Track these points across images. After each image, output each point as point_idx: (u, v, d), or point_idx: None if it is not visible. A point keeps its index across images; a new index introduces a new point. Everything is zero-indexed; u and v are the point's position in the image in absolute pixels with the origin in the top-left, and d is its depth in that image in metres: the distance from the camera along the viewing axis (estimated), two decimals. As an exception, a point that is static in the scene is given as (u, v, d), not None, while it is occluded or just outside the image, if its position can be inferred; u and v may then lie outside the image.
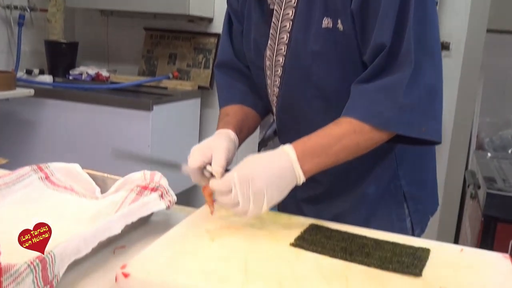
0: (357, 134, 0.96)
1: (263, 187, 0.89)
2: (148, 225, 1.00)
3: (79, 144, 2.59)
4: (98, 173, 1.13)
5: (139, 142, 2.49)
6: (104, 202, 1.00)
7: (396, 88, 0.94)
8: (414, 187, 1.16)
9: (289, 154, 0.94)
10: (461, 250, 0.90)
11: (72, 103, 2.60)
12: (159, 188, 1.01)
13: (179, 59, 3.06)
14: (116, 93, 2.75)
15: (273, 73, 1.12)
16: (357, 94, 0.98)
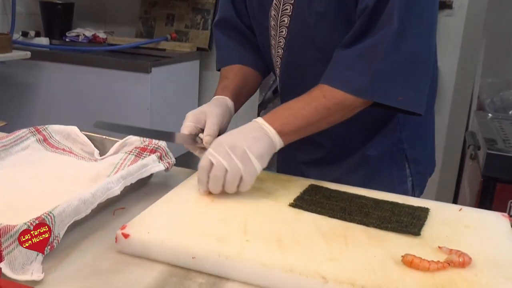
0: (327, 99, 0.95)
1: (241, 144, 0.90)
2: (147, 186, 1.01)
3: (76, 106, 2.59)
4: (96, 135, 1.13)
5: (138, 105, 2.48)
6: (103, 164, 1.00)
7: (373, 52, 0.92)
8: (416, 149, 1.16)
9: (257, 120, 0.96)
10: (459, 210, 0.90)
11: (69, 65, 2.58)
12: (158, 150, 1.00)
13: (177, 20, 3.02)
14: (113, 55, 2.73)
15: (278, 34, 1.10)
16: (334, 60, 0.98)
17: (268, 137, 0.94)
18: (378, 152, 1.14)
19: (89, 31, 2.97)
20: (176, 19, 3.02)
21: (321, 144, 1.17)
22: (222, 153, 0.89)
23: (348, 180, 1.07)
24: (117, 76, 2.49)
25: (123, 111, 2.51)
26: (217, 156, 0.89)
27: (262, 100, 3.04)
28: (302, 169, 1.22)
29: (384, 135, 1.14)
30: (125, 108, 2.51)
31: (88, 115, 2.55)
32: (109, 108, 2.53)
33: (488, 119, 2.12)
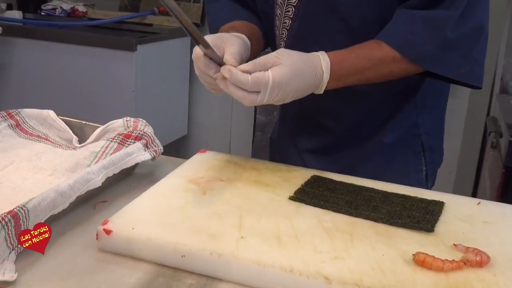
0: (395, 63, 0.99)
1: (289, 95, 0.91)
2: (131, 177, 1.01)
3: (53, 88, 2.58)
4: (75, 120, 1.13)
5: (122, 87, 2.48)
6: (82, 152, 1.00)
7: (443, 23, 0.95)
8: (431, 136, 1.18)
9: (324, 75, 0.96)
10: (478, 204, 0.91)
11: (45, 42, 2.58)
12: (143, 137, 1.00)
13: (166, -9, 3.00)
14: (94, 31, 2.72)
15: (286, 1, 1.09)
16: (398, 20, 0.99)
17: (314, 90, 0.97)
18: (394, 138, 1.15)
19: (67, 4, 2.97)
20: (164, -10, 3.01)
21: (329, 129, 1.17)
22: (273, 94, 0.88)
23: (359, 171, 1.08)
24: (99, 54, 2.49)
25: (105, 93, 2.51)
26: (267, 94, 0.88)
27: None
28: (304, 158, 1.22)
29: (400, 119, 1.15)
30: (108, 90, 2.51)
31: (66, 97, 2.55)
32: (90, 90, 2.53)
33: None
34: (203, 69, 0.92)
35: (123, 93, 2.49)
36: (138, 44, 2.44)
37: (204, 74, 0.93)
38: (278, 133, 1.32)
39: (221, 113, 3.06)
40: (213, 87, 0.95)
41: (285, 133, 1.29)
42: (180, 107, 2.95)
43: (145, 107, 2.55)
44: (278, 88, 0.88)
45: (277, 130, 1.34)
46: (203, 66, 0.92)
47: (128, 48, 2.44)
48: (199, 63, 0.93)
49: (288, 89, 0.90)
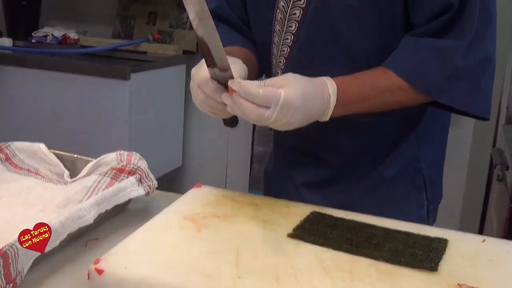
0: (402, 92, 1.01)
1: (297, 122, 0.93)
2: (124, 213, 1.02)
3: (43, 118, 2.59)
4: (66, 153, 1.14)
5: (115, 117, 2.50)
6: (73, 188, 1.01)
7: (451, 53, 0.98)
8: (432, 169, 1.19)
9: (331, 97, 0.97)
10: (483, 241, 0.92)
11: (35, 70, 2.59)
12: (137, 171, 1.01)
13: (161, 18, 3.05)
14: (86, 59, 2.74)
15: (285, 29, 1.11)
16: (408, 47, 1.02)
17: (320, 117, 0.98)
18: (394, 172, 1.16)
19: (59, 31, 3.00)
20: (159, 17, 3.05)
21: (327, 162, 1.18)
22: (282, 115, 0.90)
23: (359, 206, 1.08)
24: (91, 83, 2.50)
25: (97, 123, 2.52)
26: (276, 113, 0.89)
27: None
28: (301, 193, 1.22)
29: (401, 152, 1.16)
30: (100, 120, 2.52)
31: (56, 128, 2.56)
32: (82, 120, 2.54)
33: (518, 134, 2.14)
34: (210, 94, 0.93)
35: (116, 123, 2.50)
36: (131, 73, 2.46)
37: (209, 99, 0.95)
38: (273, 166, 1.33)
39: (217, 143, 3.07)
40: (217, 112, 0.97)
41: (280, 166, 1.29)
42: (174, 137, 2.97)
43: (138, 138, 2.56)
44: (288, 108, 0.90)
45: (272, 163, 1.35)
46: (210, 91, 0.93)
47: (121, 77, 2.45)
48: (206, 87, 0.94)
49: (298, 111, 0.91)
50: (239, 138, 3.02)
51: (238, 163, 3.06)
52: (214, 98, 0.94)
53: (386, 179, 1.16)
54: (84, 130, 2.53)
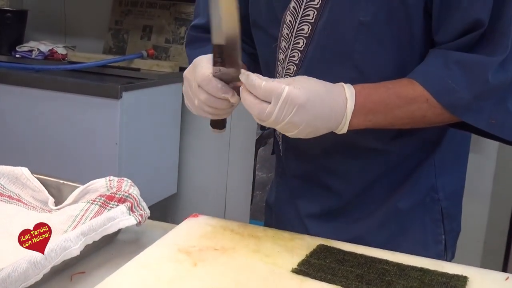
0: (429, 104, 1.01)
1: (303, 122, 0.94)
2: (113, 245, 1.02)
3: (27, 139, 2.60)
4: (52, 178, 1.15)
5: (104, 139, 2.50)
6: (58, 216, 1.01)
7: (482, 70, 0.99)
8: (450, 201, 1.19)
9: (347, 100, 0.98)
10: (506, 279, 0.92)
11: (19, 88, 2.61)
12: (128, 199, 1.02)
13: (156, 32, 3.08)
14: (75, 76, 2.76)
15: (291, 46, 1.12)
16: (438, 61, 1.02)
17: (333, 129, 0.99)
18: (410, 203, 1.16)
19: (45, 45, 3.02)
20: (154, 31, 3.08)
21: (336, 191, 1.19)
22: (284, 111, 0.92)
23: (371, 240, 1.09)
24: (79, 102, 2.52)
25: (86, 145, 2.53)
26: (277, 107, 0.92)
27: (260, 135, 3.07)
28: (306, 224, 1.22)
29: (417, 182, 1.16)
30: (89, 142, 2.53)
31: (41, 151, 2.57)
32: (69, 142, 2.55)
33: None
34: (215, 92, 0.98)
35: (106, 146, 2.51)
36: (123, 91, 2.47)
37: (211, 98, 0.99)
38: (276, 196, 1.33)
39: (215, 169, 3.08)
40: (219, 112, 1.02)
41: (284, 196, 1.29)
42: (169, 162, 2.97)
43: (130, 161, 2.57)
44: (291, 104, 0.92)
45: (274, 193, 1.34)
46: (215, 88, 0.97)
47: (112, 96, 2.46)
48: (209, 85, 0.98)
49: (303, 110, 0.93)
50: (239, 163, 3.03)
51: (238, 190, 3.07)
52: (218, 97, 0.98)
53: (400, 211, 1.16)
54: (71, 153, 2.54)
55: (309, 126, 0.95)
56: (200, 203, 3.12)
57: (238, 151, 3.02)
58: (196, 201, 3.14)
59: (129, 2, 3.14)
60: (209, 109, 1.01)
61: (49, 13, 3.29)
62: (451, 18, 1.01)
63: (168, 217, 3.14)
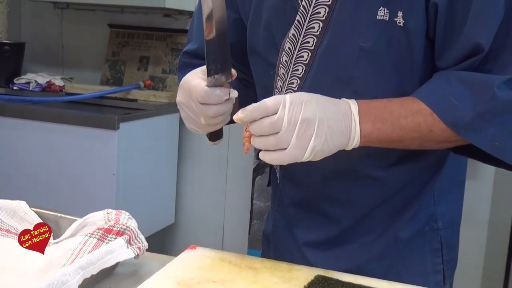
0: (434, 118, 1.01)
1: (315, 118, 0.94)
2: (112, 278, 1.01)
3: (26, 172, 2.60)
4: (49, 212, 1.15)
5: (102, 169, 2.51)
6: (57, 250, 1.01)
7: (486, 88, 0.99)
8: (449, 230, 1.19)
9: (350, 104, 0.99)
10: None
11: (16, 120, 2.62)
12: (126, 232, 1.02)
13: (152, 63, 3.10)
14: (72, 107, 2.77)
15: (290, 73, 1.13)
16: (440, 78, 1.03)
17: (347, 137, 0.99)
18: (410, 232, 1.16)
19: (43, 77, 3.04)
20: (151, 62, 3.10)
21: (335, 219, 1.18)
22: (294, 111, 0.94)
23: (369, 270, 1.08)
24: (77, 133, 2.53)
25: (83, 177, 2.53)
26: (286, 111, 0.93)
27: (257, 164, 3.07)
28: (305, 253, 1.22)
29: (416, 210, 1.16)
30: (86, 173, 2.53)
31: (38, 182, 2.57)
32: (66, 174, 2.55)
33: (542, 188, 2.15)
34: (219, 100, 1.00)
35: (103, 176, 2.51)
36: (120, 122, 2.49)
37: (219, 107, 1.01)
38: (273, 225, 1.32)
39: (213, 198, 3.08)
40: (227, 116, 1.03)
41: (281, 224, 1.29)
42: (166, 192, 2.97)
43: (127, 192, 2.57)
44: (298, 102, 0.94)
45: (271, 222, 1.34)
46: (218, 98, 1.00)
47: (109, 127, 2.48)
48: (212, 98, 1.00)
49: (312, 104, 0.94)
50: (237, 193, 3.03)
51: (236, 219, 3.06)
52: (222, 102, 1.00)
53: (400, 240, 1.16)
54: (69, 185, 2.54)
55: (324, 125, 0.95)
56: (198, 232, 3.12)
57: (235, 180, 3.03)
58: (194, 230, 3.13)
59: (126, 33, 3.17)
60: (218, 119, 1.03)
61: (46, 45, 3.32)
62: (453, 44, 1.02)
63: (167, 247, 3.13)
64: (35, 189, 2.55)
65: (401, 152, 1.11)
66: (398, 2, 1.02)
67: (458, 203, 1.25)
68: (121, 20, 3.17)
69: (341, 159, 1.07)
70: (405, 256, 1.17)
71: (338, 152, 1.02)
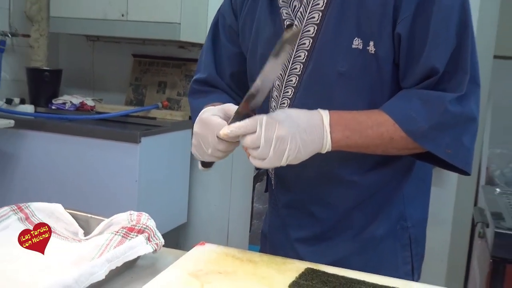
0: (395, 128, 1.01)
1: (288, 134, 0.95)
2: (134, 269, 1.01)
3: (61, 178, 2.60)
4: (81, 213, 1.15)
5: (126, 176, 2.51)
6: (87, 245, 1.01)
7: (439, 104, 1.00)
8: (417, 228, 1.19)
9: (323, 115, 1.00)
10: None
11: (54, 134, 2.63)
12: (146, 230, 1.02)
13: (169, 87, 3.11)
14: (101, 124, 2.78)
15: (281, 94, 1.14)
16: (403, 96, 1.04)
17: (319, 144, 0.99)
18: (384, 231, 1.16)
19: (77, 98, 3.05)
20: (168, 86, 3.11)
21: (319, 218, 1.18)
22: (268, 131, 0.94)
23: (351, 262, 1.08)
24: (105, 146, 2.53)
25: (110, 182, 2.53)
26: (263, 130, 0.94)
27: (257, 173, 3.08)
28: (296, 248, 1.22)
29: (389, 211, 1.16)
30: (113, 180, 2.53)
31: (72, 187, 2.57)
32: (95, 181, 2.55)
33: (497, 194, 2.15)
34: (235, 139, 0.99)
35: (127, 182, 2.51)
36: (142, 137, 2.49)
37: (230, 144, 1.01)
38: (269, 225, 1.32)
39: (219, 202, 3.08)
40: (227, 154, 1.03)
41: (276, 224, 1.29)
42: (180, 196, 2.97)
43: (147, 195, 2.57)
44: (273, 123, 0.94)
45: (268, 222, 1.34)
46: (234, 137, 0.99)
47: (132, 140, 2.48)
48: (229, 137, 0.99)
49: (285, 124, 0.94)
50: (239, 197, 3.03)
51: (238, 219, 3.06)
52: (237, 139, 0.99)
53: (376, 237, 1.16)
54: (98, 189, 2.54)
55: (296, 139, 0.96)
56: (206, 230, 3.11)
57: (238, 186, 3.03)
58: (203, 228, 3.13)
59: (147, 62, 3.18)
60: (224, 154, 1.03)
61: (80, 71, 3.33)
62: (413, 67, 1.03)
63: (180, 243, 3.12)
64: (69, 193, 2.55)
65: (374, 159, 1.11)
66: (369, 33, 1.03)
67: (425, 205, 1.24)
68: (143, 51, 3.18)
69: (323, 167, 1.08)
70: (380, 250, 1.16)
71: (320, 161, 1.03)
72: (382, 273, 0.99)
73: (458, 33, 1.01)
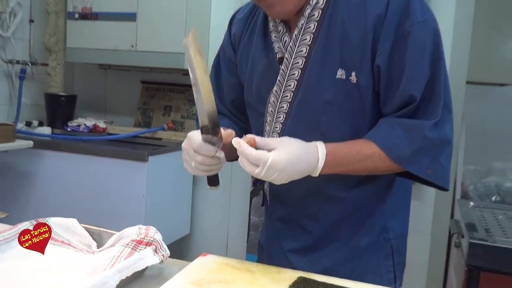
0: (381, 158, 1.03)
1: (284, 178, 0.97)
2: (142, 279, 1.02)
3: (75, 194, 2.60)
4: (94, 227, 1.15)
5: (135, 192, 2.51)
6: (100, 257, 1.01)
7: (418, 131, 1.02)
8: (399, 240, 1.20)
9: (319, 160, 1.00)
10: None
11: (69, 154, 2.63)
12: (153, 243, 1.02)
13: (174, 110, 3.12)
14: (112, 144, 2.78)
15: (274, 119, 1.15)
16: (387, 125, 1.06)
17: (309, 173, 1.01)
18: (368, 242, 1.17)
19: (90, 121, 3.05)
20: (173, 109, 3.12)
21: (309, 231, 1.19)
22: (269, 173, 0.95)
23: (339, 270, 1.09)
24: (116, 164, 2.53)
25: (119, 197, 2.53)
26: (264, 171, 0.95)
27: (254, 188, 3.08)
28: (289, 258, 1.22)
29: (372, 224, 1.17)
30: (122, 195, 2.53)
31: (85, 202, 2.56)
32: (107, 195, 2.55)
33: (470, 207, 2.16)
34: (209, 153, 1.00)
35: (135, 198, 2.51)
36: (149, 156, 2.49)
37: (205, 159, 1.01)
38: (265, 236, 1.33)
39: (219, 215, 3.07)
40: (212, 168, 1.03)
41: (271, 235, 1.30)
42: (183, 209, 2.97)
43: (153, 209, 2.57)
44: (274, 170, 0.94)
45: (264, 234, 1.34)
46: (209, 151, 1.00)
47: (140, 159, 2.48)
48: (203, 149, 1.01)
49: (283, 173, 0.95)
50: (238, 210, 3.02)
51: (237, 231, 3.05)
52: (210, 156, 1.01)
53: (361, 248, 1.17)
54: (108, 205, 2.54)
55: (289, 179, 0.98)
56: (208, 241, 3.10)
57: (237, 200, 3.02)
58: (205, 239, 3.12)
59: (154, 88, 3.19)
60: (204, 167, 1.03)
61: (93, 97, 3.34)
62: (392, 96, 1.04)
63: (183, 252, 3.11)
64: (82, 207, 2.54)
65: (358, 177, 1.13)
66: (352, 64, 1.05)
67: (405, 218, 1.25)
68: (150, 78, 3.20)
69: (312, 184, 1.09)
70: (364, 260, 1.17)
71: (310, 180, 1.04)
72: (367, 280, 1.00)
73: (431, 65, 1.02)
